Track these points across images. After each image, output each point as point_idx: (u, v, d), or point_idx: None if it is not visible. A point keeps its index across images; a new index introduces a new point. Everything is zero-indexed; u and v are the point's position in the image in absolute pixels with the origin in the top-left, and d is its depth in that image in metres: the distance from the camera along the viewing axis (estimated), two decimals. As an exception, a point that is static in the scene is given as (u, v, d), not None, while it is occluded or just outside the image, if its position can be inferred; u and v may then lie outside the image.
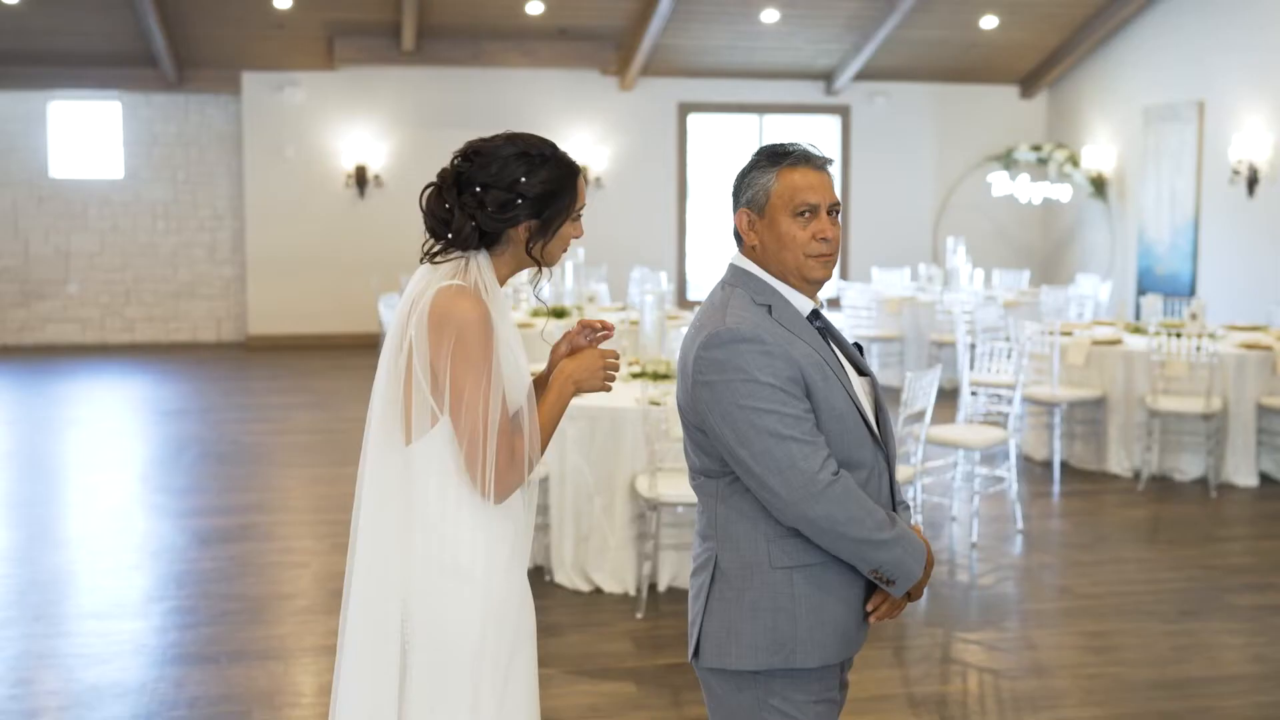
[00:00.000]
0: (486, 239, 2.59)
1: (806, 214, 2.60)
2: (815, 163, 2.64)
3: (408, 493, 2.57)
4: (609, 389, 2.72)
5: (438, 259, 2.60)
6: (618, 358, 2.75)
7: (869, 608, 2.65)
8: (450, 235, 2.58)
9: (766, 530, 2.58)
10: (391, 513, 2.57)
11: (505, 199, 2.54)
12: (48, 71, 13.94)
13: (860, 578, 2.62)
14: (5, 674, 4.96)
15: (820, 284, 2.67)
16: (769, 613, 2.58)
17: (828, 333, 2.70)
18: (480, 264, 2.58)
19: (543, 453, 2.61)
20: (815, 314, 2.68)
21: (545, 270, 2.64)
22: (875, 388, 2.73)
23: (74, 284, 14.68)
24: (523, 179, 2.54)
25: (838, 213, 2.65)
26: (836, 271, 2.66)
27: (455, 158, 2.60)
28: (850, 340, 2.77)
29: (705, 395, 2.55)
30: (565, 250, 2.67)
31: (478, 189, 2.54)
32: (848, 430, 2.58)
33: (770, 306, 2.60)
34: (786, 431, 2.49)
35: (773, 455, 2.50)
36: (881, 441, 2.66)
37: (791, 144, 2.67)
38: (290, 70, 14.31)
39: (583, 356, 2.69)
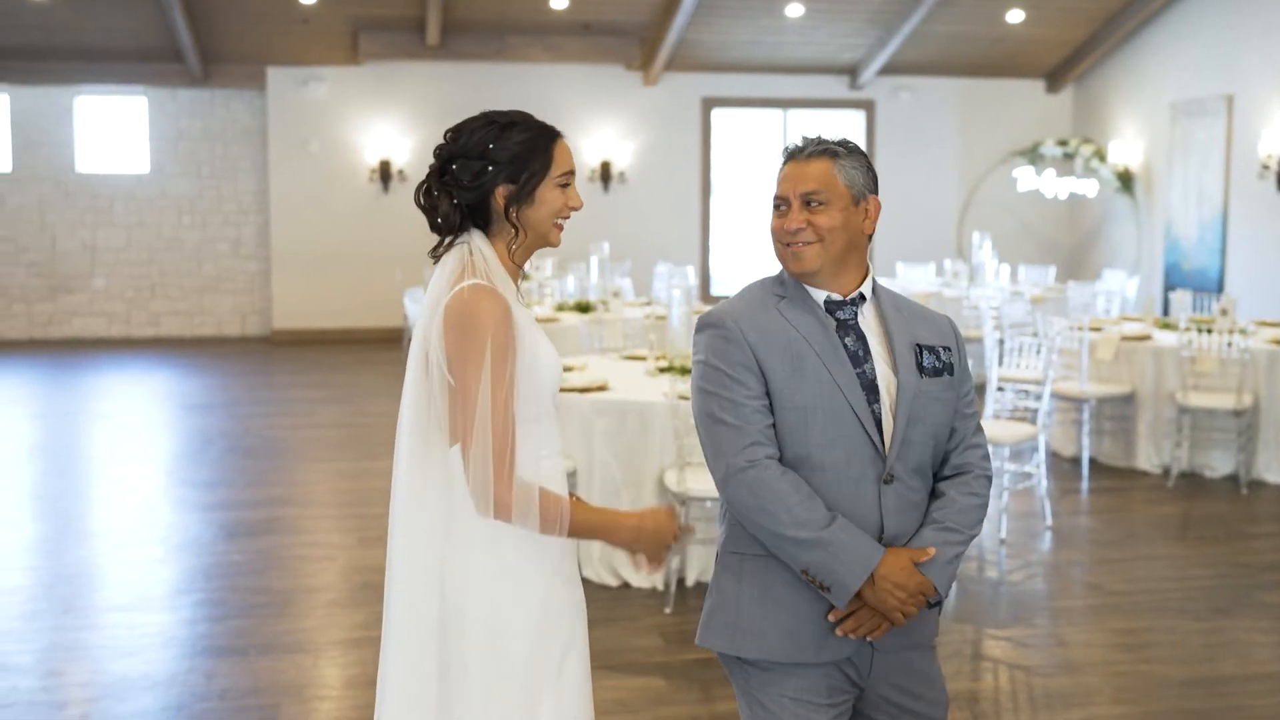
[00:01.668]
0: (475, 216, 2.57)
1: (781, 207, 2.60)
2: (794, 155, 2.61)
3: (448, 497, 2.53)
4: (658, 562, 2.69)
5: (441, 253, 2.60)
6: (677, 540, 2.67)
7: (831, 618, 2.54)
8: (440, 221, 2.57)
9: (730, 515, 2.63)
10: (430, 517, 2.53)
11: (477, 167, 2.53)
12: (74, 67, 14.02)
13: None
14: (35, 665, 4.97)
15: (803, 275, 2.59)
16: (717, 596, 2.66)
17: (852, 326, 2.60)
18: (478, 245, 2.55)
19: (557, 530, 2.52)
20: (840, 304, 2.61)
21: (522, 235, 2.56)
22: (911, 395, 2.56)
23: (100, 278, 14.76)
24: (492, 145, 2.53)
25: (818, 202, 2.55)
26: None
27: (438, 146, 2.61)
28: (913, 340, 2.62)
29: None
30: (558, 220, 2.60)
31: (454, 166, 2.54)
32: (810, 426, 2.52)
33: (783, 296, 2.62)
34: (720, 414, 2.54)
35: (709, 435, 2.58)
36: (882, 449, 2.54)
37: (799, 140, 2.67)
38: (315, 65, 14.35)
39: (662, 528, 2.62)
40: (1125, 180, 14.31)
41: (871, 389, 2.56)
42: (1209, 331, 8.04)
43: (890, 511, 2.55)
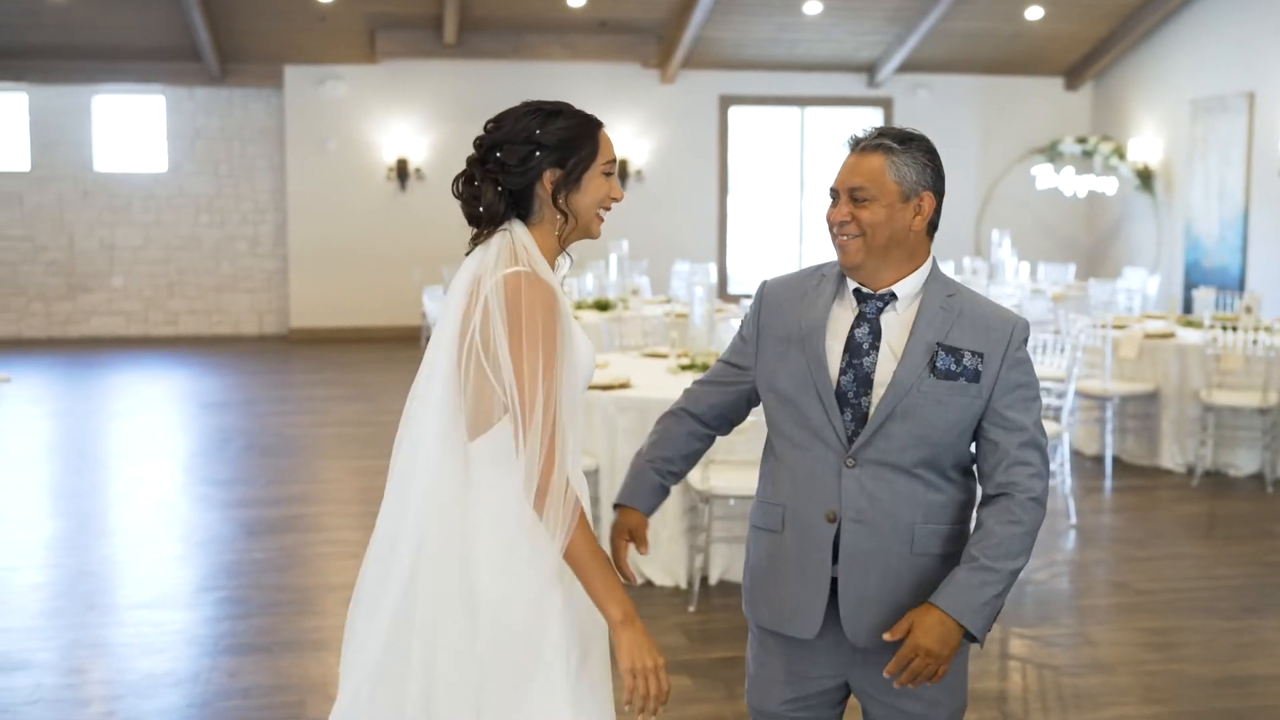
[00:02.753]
0: (518, 205, 2.54)
1: (833, 198, 2.63)
2: (853, 146, 2.63)
3: (475, 489, 2.49)
4: (633, 707, 2.44)
5: (478, 242, 2.56)
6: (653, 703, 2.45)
7: (887, 637, 2.54)
8: (482, 210, 2.53)
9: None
10: (458, 508, 2.49)
11: (524, 152, 2.50)
12: (92, 66, 14.05)
13: (800, 557, 2.62)
14: (59, 662, 4.97)
15: (848, 269, 2.62)
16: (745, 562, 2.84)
17: (871, 319, 2.60)
18: (518, 234, 2.52)
19: (561, 539, 2.45)
20: (867, 297, 2.62)
21: (571, 221, 2.54)
22: (901, 392, 2.53)
23: (118, 277, 14.78)
24: (538, 130, 2.51)
25: (863, 198, 2.56)
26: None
27: (479, 137, 2.58)
28: (938, 340, 2.57)
29: None
30: (601, 211, 2.58)
31: (498, 153, 2.51)
32: (783, 406, 2.63)
33: (825, 276, 2.69)
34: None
35: None
36: (843, 437, 2.56)
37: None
38: (332, 64, 14.35)
39: (648, 654, 2.43)
40: (1145, 178, 14.23)
41: (865, 381, 2.57)
42: (1233, 329, 7.99)
43: (850, 493, 2.57)
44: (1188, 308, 12.26)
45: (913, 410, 2.54)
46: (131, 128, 14.78)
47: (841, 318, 2.62)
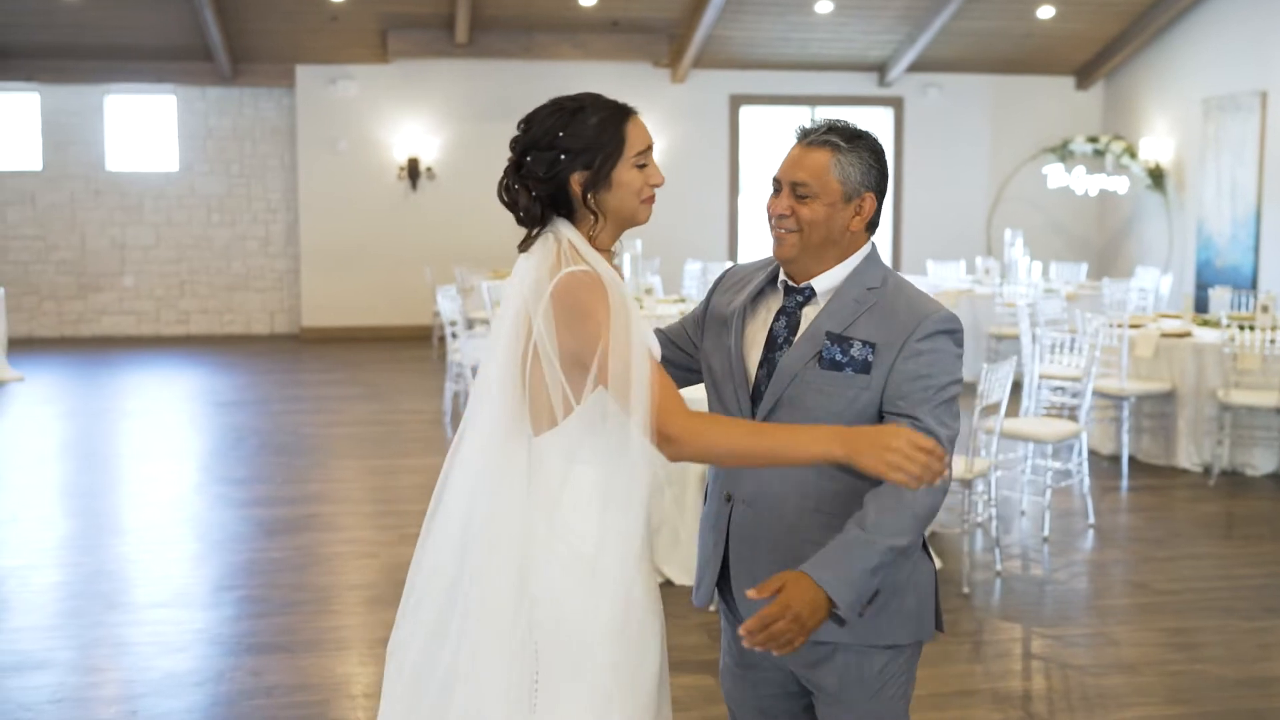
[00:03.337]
0: (558, 206, 2.51)
1: (775, 188, 2.62)
2: (801, 138, 2.62)
3: (534, 487, 2.47)
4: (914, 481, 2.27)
5: (527, 246, 2.54)
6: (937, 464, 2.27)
7: (751, 594, 2.47)
8: (522, 215, 2.51)
9: None
10: (517, 508, 2.47)
11: (550, 158, 2.46)
12: (104, 65, 14.07)
13: (709, 532, 2.71)
14: (80, 662, 4.97)
15: (782, 262, 2.62)
16: None
17: (791, 313, 2.61)
18: (566, 234, 2.49)
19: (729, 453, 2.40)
20: (793, 291, 2.62)
21: (601, 221, 2.50)
22: (787, 379, 2.54)
23: (129, 276, 14.80)
24: (562, 133, 2.47)
25: (805, 194, 2.54)
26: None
27: (514, 139, 2.55)
28: (833, 330, 2.55)
29: None
30: (643, 201, 2.53)
31: (528, 158, 2.49)
32: (713, 387, 2.69)
33: (765, 268, 2.71)
34: None
35: None
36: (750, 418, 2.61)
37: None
38: (344, 63, 14.36)
39: (893, 434, 2.29)
40: (1156, 177, 14.20)
41: (741, 363, 2.64)
42: (1250, 328, 7.97)
43: (744, 476, 2.62)
44: (1200, 307, 12.24)
45: (797, 398, 2.53)
46: (143, 127, 14.80)
47: (770, 311, 2.65)
